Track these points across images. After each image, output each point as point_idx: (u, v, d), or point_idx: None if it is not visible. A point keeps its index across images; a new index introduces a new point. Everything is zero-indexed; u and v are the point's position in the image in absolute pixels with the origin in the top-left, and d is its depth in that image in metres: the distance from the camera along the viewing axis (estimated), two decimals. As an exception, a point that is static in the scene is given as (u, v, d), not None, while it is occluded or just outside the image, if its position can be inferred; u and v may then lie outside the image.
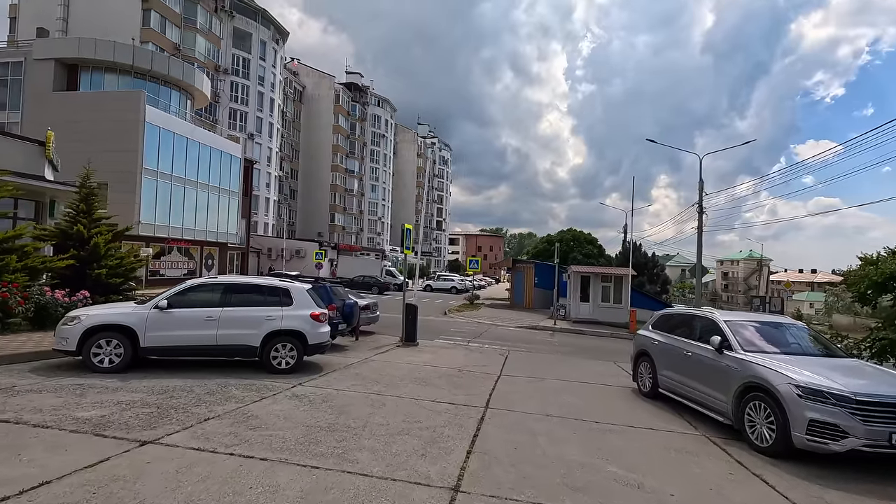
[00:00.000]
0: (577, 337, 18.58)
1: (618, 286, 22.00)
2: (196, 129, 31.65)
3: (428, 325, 18.55)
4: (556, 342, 16.70)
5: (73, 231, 12.43)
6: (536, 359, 12.69)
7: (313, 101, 70.20)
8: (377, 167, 79.68)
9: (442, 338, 15.59)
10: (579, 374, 10.65)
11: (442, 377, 8.88)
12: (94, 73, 29.33)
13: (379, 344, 12.88)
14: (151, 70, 29.85)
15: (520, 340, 16.23)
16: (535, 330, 19.49)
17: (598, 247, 38.84)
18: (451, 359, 11.31)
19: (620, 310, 21.84)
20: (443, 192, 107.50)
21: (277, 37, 57.04)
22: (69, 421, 4.93)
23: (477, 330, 18.15)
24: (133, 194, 27.02)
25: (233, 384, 7.08)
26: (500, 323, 20.66)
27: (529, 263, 28.77)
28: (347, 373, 8.69)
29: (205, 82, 34.37)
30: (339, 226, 70.65)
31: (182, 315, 7.68)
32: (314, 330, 8.34)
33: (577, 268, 22.84)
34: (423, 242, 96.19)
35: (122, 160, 27.10)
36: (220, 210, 34.59)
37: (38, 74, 28.41)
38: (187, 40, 45.35)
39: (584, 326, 20.43)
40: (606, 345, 17.14)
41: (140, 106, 27.00)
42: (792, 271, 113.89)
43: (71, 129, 27.61)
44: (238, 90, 51.33)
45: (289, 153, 66.32)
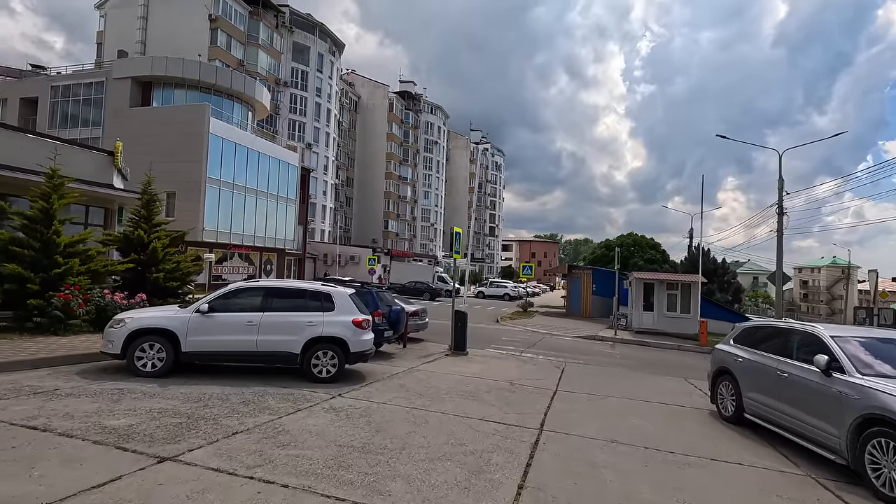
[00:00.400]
0: (640, 349, 17.21)
1: (685, 294, 20.29)
2: (256, 139, 32.88)
3: (479, 333, 17.85)
4: (617, 354, 15.49)
5: (133, 236, 12.86)
6: (596, 373, 11.66)
7: (368, 110, 71.71)
8: (430, 174, 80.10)
9: (493, 347, 14.84)
10: (646, 391, 9.57)
11: (491, 391, 8.17)
12: (165, 89, 31.18)
13: (427, 352, 12.34)
14: (216, 84, 31.35)
15: (577, 352, 15.18)
16: (593, 340, 18.28)
17: (662, 252, 36.46)
18: (502, 370, 10.56)
19: (689, 320, 20.11)
20: (496, 197, 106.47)
21: (334, 49, 58.75)
22: (95, 430, 4.69)
23: (530, 339, 17.24)
24: (197, 202, 28.29)
25: (270, 393, 6.74)
26: (555, 332, 19.60)
27: (587, 270, 27.37)
28: (391, 383, 8.18)
29: (265, 94, 35.72)
30: (393, 232, 71.46)
31: (223, 319, 7.48)
32: (356, 337, 7.91)
33: (639, 274, 21.31)
34: (475, 248, 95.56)
35: (188, 170, 28.50)
36: (279, 217, 35.68)
37: (117, 92, 30.56)
38: (250, 56, 47.55)
39: (648, 338, 18.96)
40: (674, 358, 15.69)
41: (205, 118, 28.32)
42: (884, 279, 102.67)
43: (144, 142, 29.42)
44: (297, 102, 53.19)
45: (344, 162, 67.99)
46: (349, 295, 8.28)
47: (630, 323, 21.81)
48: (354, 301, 8.32)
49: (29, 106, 32.96)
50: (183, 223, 28.83)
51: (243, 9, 46.43)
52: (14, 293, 9.89)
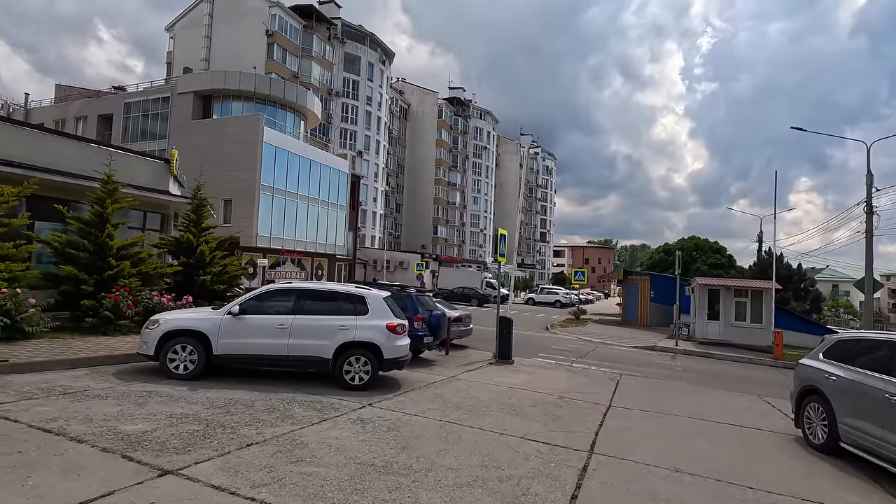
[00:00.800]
0: (704, 361, 15.74)
1: (756, 302, 18.47)
2: (308, 147, 33.70)
3: (527, 341, 17.04)
4: (678, 367, 14.19)
5: (183, 240, 13.17)
6: (655, 387, 10.60)
7: (417, 117, 72.35)
8: (479, 179, 79.61)
9: (541, 356, 14.00)
10: (715, 409, 8.48)
11: (536, 405, 7.45)
12: (223, 102, 32.62)
13: (470, 360, 11.74)
14: (270, 95, 32.44)
15: (633, 363, 14.04)
16: (651, 351, 16.96)
17: (728, 257, 33.80)
18: (549, 382, 9.77)
19: (760, 330, 18.28)
20: (546, 202, 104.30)
21: (384, 58, 59.73)
22: (108, 436, 4.47)
23: (582, 349, 16.21)
24: (252, 209, 29.23)
25: (298, 400, 6.39)
26: (609, 341, 18.40)
27: (644, 275, 25.75)
28: (427, 393, 7.65)
29: (316, 103, 36.63)
30: (442, 238, 71.44)
31: (254, 322, 7.25)
32: (390, 343, 7.45)
33: (703, 280, 19.64)
34: (525, 254, 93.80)
35: (243, 178, 29.53)
36: (329, 223, 36.33)
37: (181, 106, 32.29)
38: (304, 68, 49.14)
39: (713, 349, 17.37)
40: (744, 373, 14.18)
41: (259, 128, 29.28)
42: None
43: (204, 152, 30.82)
44: (348, 111, 54.39)
45: (394, 169, 68.82)
46: (384, 298, 7.86)
47: (693, 333, 20.17)
48: (389, 305, 7.88)
49: (105, 122, 35.53)
50: (238, 229, 29.93)
51: (297, 23, 48.10)
52: (70, 294, 10.26)
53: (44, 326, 8.80)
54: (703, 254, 33.15)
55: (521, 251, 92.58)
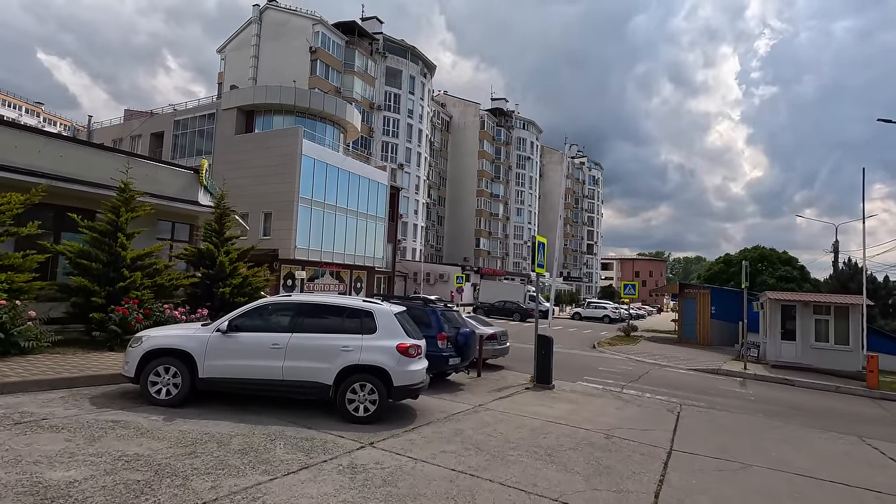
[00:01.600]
0: (781, 389, 13.58)
1: (841, 320, 16.00)
2: (346, 158, 33.57)
3: (571, 360, 15.47)
4: (750, 395, 12.21)
5: (204, 250, 12.68)
6: (725, 422, 8.85)
7: (459, 129, 71.89)
8: (522, 190, 77.93)
9: (587, 379, 12.44)
10: (807, 458, 6.76)
11: (578, 448, 6.07)
12: (265, 116, 33.09)
13: (504, 384, 10.41)
14: (309, 108, 32.62)
15: (695, 389, 12.20)
16: (715, 375, 14.92)
17: (799, 268, 30.40)
18: (595, 413, 8.30)
19: (847, 353, 15.80)
20: (593, 213, 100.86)
21: (425, 71, 59.76)
22: (21, 488, 3.56)
23: (634, 371, 14.44)
24: (291, 221, 29.17)
25: (287, 436, 5.36)
26: (664, 363, 16.46)
27: (704, 289, 23.39)
28: (445, 428, 6.43)
29: (355, 116, 36.60)
30: (485, 251, 70.08)
31: (245, 341, 6.33)
32: (401, 367, 6.33)
33: (775, 294, 17.30)
34: (572, 267, 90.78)
35: (283, 190, 29.59)
36: (368, 235, 35.94)
37: (225, 122, 33.03)
38: (346, 83, 49.73)
39: (790, 374, 15.10)
40: (832, 405, 12.01)
41: (297, 140, 29.34)
42: None
43: (247, 166, 31.28)
44: (390, 124, 54.53)
45: (436, 181, 68.42)
46: (396, 314, 6.76)
47: (763, 355, 17.83)
48: (402, 322, 6.77)
49: (157, 140, 36.99)
50: (277, 242, 29.97)
51: (340, 39, 48.82)
52: (81, 306, 9.84)
53: (45, 340, 8.30)
54: (771, 265, 30.00)
55: (566, 264, 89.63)
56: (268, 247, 29.82)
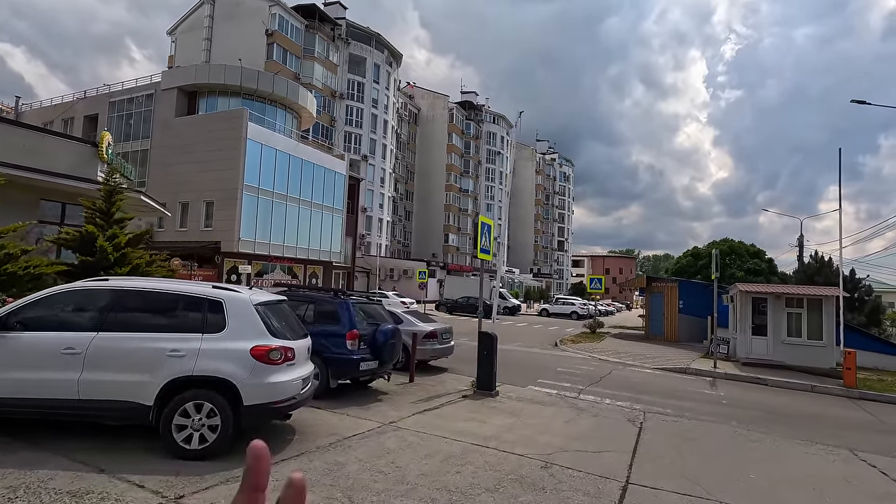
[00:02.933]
0: (754, 390, 12.31)
1: (814, 314, 14.93)
2: (299, 145, 31.32)
3: (528, 360, 13.89)
4: (722, 398, 10.84)
5: (85, 234, 10.51)
6: (697, 434, 7.34)
7: (428, 122, 70.02)
8: (493, 185, 76.63)
9: (540, 383, 10.85)
10: (795, 484, 5.26)
11: (499, 488, 4.37)
12: (209, 98, 30.53)
13: (438, 391, 8.70)
14: (257, 90, 30.22)
15: (661, 392, 10.76)
16: (684, 375, 13.59)
17: (767, 261, 29.75)
18: (538, 430, 6.66)
19: (820, 349, 14.73)
20: (564, 209, 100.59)
21: (391, 60, 57.64)
22: None
23: (595, 372, 12.95)
24: (234, 210, 26.81)
25: (50, 487, 3.48)
26: (630, 361, 15.08)
27: (671, 282, 22.22)
28: (319, 462, 4.65)
29: (309, 99, 34.32)
30: (453, 246, 68.48)
31: (24, 344, 4.39)
32: (257, 379, 4.51)
33: (746, 286, 16.13)
34: (542, 264, 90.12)
35: (226, 178, 27.22)
36: (324, 228, 33.77)
37: (165, 104, 30.32)
38: (306, 69, 47.19)
39: (762, 372, 13.91)
40: (810, 407, 10.74)
41: (242, 123, 26.97)
42: None
43: (188, 152, 28.70)
44: (353, 113, 52.23)
45: (404, 175, 66.41)
46: (259, 305, 4.92)
47: (733, 351, 16.68)
48: (268, 315, 4.93)
49: (91, 123, 33.86)
50: (220, 233, 27.54)
51: (299, 23, 46.25)
52: None
53: None
54: (739, 258, 29.25)
55: (537, 260, 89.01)
56: (209, 239, 27.41)
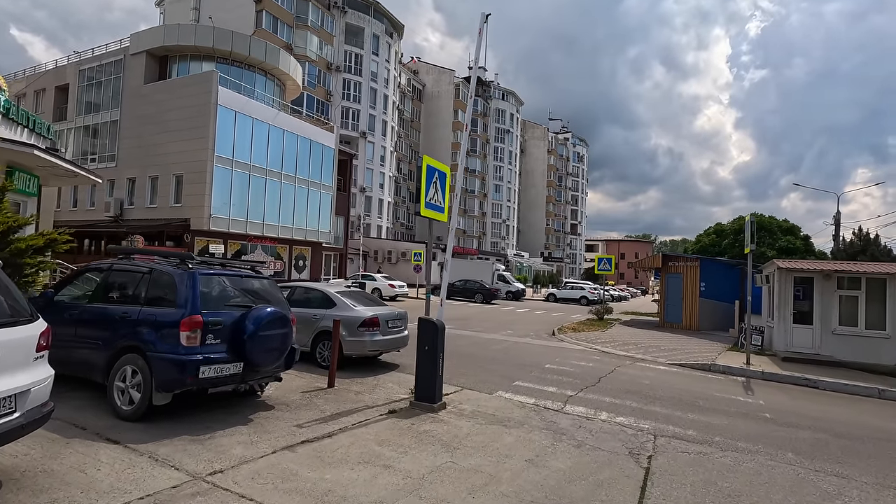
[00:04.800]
0: (802, 395, 9.45)
1: (875, 298, 11.90)
2: (279, 114, 28.63)
3: (512, 354, 11.20)
4: (763, 408, 8.01)
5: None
6: (742, 482, 4.56)
7: (433, 98, 66.78)
8: (501, 165, 73.27)
9: (518, 387, 8.14)
10: None
11: None
12: (180, 62, 27.95)
13: (357, 404, 6.09)
14: (232, 52, 27.49)
15: (679, 401, 7.98)
16: (708, 374, 10.77)
17: (803, 238, 26.29)
18: (478, 480, 3.96)
19: (883, 341, 11.73)
20: (578, 191, 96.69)
21: (392, 30, 54.42)
22: None
23: (594, 369, 10.20)
24: (203, 185, 24.36)
25: None
26: (639, 355, 12.28)
27: (692, 261, 19.17)
28: None
29: (291, 64, 31.49)
30: (460, 229, 65.59)
31: None
32: None
33: (787, 262, 13.06)
34: (554, 247, 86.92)
35: (194, 149, 24.75)
36: (311, 206, 31.22)
37: (134, 69, 27.84)
38: (299, 39, 44.41)
39: (808, 370, 11.02)
40: (886, 423, 7.86)
41: (212, 87, 24.37)
42: None
43: (157, 121, 26.26)
44: (350, 87, 49.38)
45: (407, 154, 63.55)
46: None
47: (769, 343, 13.74)
48: None
49: (62, 94, 31.63)
50: (189, 210, 25.15)
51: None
52: None
53: None
54: (770, 235, 25.87)
55: (548, 244, 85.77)
56: (179, 216, 25.06)
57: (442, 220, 7.31)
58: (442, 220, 7.31)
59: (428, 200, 6.85)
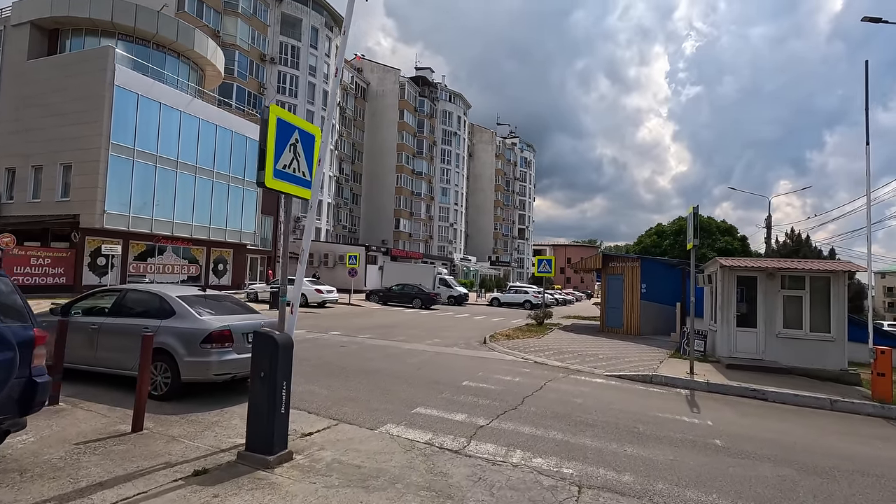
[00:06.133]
0: (752, 409, 8.26)
1: (819, 298, 11.11)
2: (194, 100, 25.73)
3: (429, 369, 9.42)
4: (712, 430, 6.63)
5: None
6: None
7: (377, 97, 64.61)
8: (448, 168, 72.02)
9: (416, 416, 6.34)
10: None
11: None
12: (74, 37, 24.52)
13: (156, 459, 4.05)
14: (136, 28, 24.39)
15: (616, 427, 6.47)
16: (650, 386, 9.45)
17: (740, 239, 26.51)
18: None
19: (828, 345, 10.91)
20: (525, 196, 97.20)
21: (332, 24, 51.93)
22: None
23: (521, 385, 8.61)
24: (96, 176, 21.18)
25: None
26: (576, 366, 10.87)
27: (633, 260, 18.25)
28: None
29: (212, 50, 28.63)
30: (405, 232, 63.67)
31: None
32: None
33: (729, 260, 12.09)
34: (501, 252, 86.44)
35: (86, 135, 21.54)
36: (232, 203, 28.38)
37: (17, 42, 24.16)
38: (228, 26, 41.17)
39: (755, 378, 9.97)
40: (848, 444, 6.69)
41: (107, 65, 21.31)
42: None
43: (43, 103, 22.75)
44: (286, 81, 46.44)
45: (350, 154, 60.98)
46: None
47: (712, 348, 12.75)
48: None
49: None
50: (79, 205, 21.81)
51: (218, -30, 40.12)
52: None
53: None
54: (710, 235, 25.89)
55: (496, 248, 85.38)
56: (67, 212, 21.69)
57: (304, 196, 5.45)
58: (304, 196, 5.45)
59: (279, 168, 4.96)
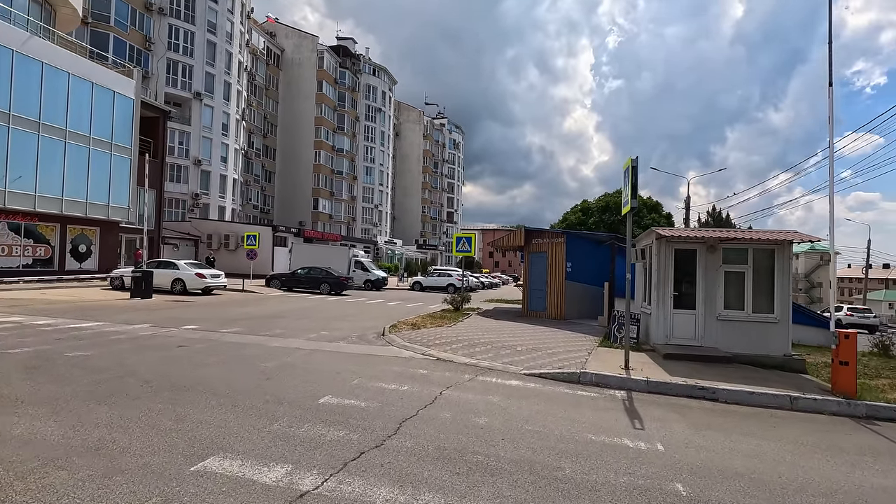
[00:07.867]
0: (709, 422, 6.45)
1: (762, 274, 9.73)
2: (33, 38, 20.54)
3: (282, 378, 6.54)
4: (667, 461, 4.59)
5: None
6: None
7: (293, 65, 59.22)
8: (373, 146, 68.21)
9: (207, 473, 3.59)
10: None
11: None
12: None
13: None
14: (-56, -63, 18.84)
15: (527, 471, 4.20)
16: (577, 388, 7.41)
17: (666, 216, 26.10)
18: None
19: (771, 327, 9.54)
20: (454, 179, 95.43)
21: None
22: None
23: (402, 403, 6.18)
24: None
25: None
26: (487, 362, 8.64)
27: (557, 237, 16.48)
28: None
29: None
30: (325, 213, 59.42)
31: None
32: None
33: (667, 230, 10.40)
34: (429, 235, 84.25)
35: None
36: (95, 172, 23.44)
37: None
38: (100, -37, 34.68)
39: (699, 372, 8.31)
40: (824, 465, 4.89)
41: None
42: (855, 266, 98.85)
43: None
44: (179, 37, 40.45)
45: (261, 126, 55.45)
46: None
47: (645, 333, 11.09)
48: None
49: None
50: None
51: None
52: None
53: None
54: (636, 213, 25.28)
55: (424, 232, 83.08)
56: None
57: None
58: None
59: None
